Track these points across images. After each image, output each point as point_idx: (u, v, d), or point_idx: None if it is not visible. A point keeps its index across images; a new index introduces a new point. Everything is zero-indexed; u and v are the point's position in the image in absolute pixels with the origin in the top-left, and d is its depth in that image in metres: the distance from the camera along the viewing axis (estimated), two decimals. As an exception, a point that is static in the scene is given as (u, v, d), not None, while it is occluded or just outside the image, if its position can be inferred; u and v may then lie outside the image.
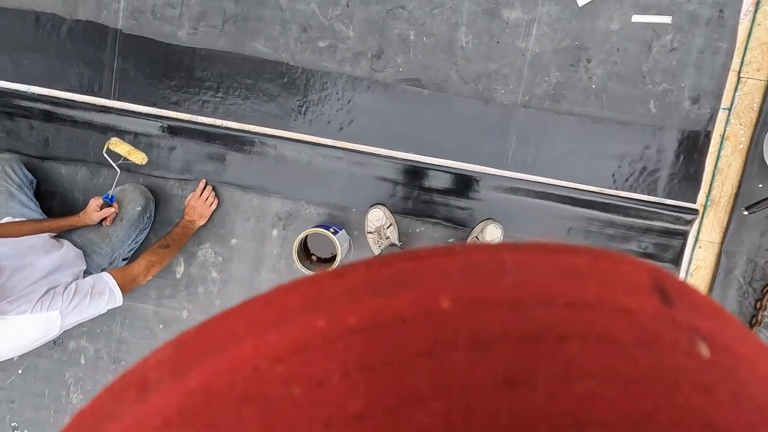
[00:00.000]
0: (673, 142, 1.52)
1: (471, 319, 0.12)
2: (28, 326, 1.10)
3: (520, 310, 0.12)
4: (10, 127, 1.61)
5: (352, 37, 1.54)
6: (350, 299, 0.12)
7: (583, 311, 0.12)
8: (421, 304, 0.12)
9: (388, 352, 0.11)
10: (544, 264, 0.13)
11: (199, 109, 1.59)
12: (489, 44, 1.51)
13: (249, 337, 0.12)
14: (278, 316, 0.12)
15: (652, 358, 0.12)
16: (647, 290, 0.14)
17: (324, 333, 0.12)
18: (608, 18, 1.48)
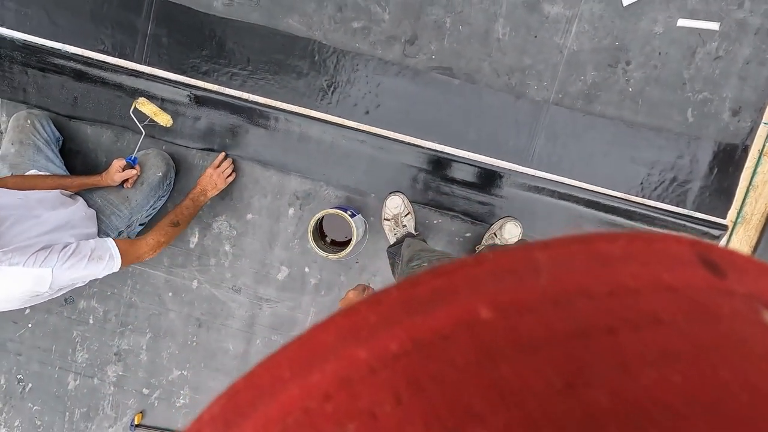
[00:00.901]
0: (708, 154, 1.42)
1: (513, 324, 0.11)
2: (17, 279, 1.02)
3: (561, 307, 0.11)
4: (42, 83, 1.58)
5: (387, 20, 1.47)
6: (388, 324, 0.12)
7: (627, 297, 0.11)
8: (460, 318, 0.11)
9: (435, 371, 0.10)
10: (578, 256, 0.12)
11: (228, 80, 1.53)
12: (526, 38, 1.43)
13: (293, 380, 0.12)
14: (318, 354, 0.12)
15: (711, 332, 0.11)
16: (692, 264, 0.13)
17: (367, 363, 0.11)
18: (652, 20, 1.38)
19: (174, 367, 1.61)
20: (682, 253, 0.13)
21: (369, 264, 1.51)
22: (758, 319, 0.11)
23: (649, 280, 0.12)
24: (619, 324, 0.11)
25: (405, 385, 0.10)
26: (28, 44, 1.50)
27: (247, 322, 1.57)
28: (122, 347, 1.62)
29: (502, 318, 0.11)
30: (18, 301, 1.08)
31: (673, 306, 0.11)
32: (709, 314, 0.11)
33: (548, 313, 0.11)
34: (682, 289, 0.12)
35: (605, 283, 0.11)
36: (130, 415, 1.64)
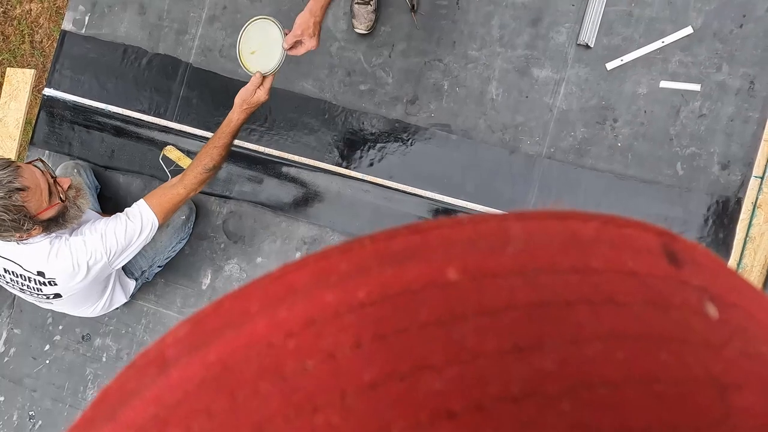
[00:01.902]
0: (701, 206, 1.39)
1: (477, 288, 0.11)
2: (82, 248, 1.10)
3: (525, 278, 0.11)
4: (86, 138, 1.71)
5: (391, 83, 1.56)
6: (359, 273, 0.11)
7: (590, 276, 0.11)
8: (429, 276, 0.11)
9: (399, 322, 0.10)
10: (552, 231, 0.12)
11: (246, 135, 1.62)
12: (518, 98, 1.49)
13: (261, 314, 0.12)
14: (288, 293, 0.12)
15: (660, 319, 0.11)
16: (656, 253, 0.13)
17: (334, 307, 0.11)
18: (636, 82, 1.43)
19: (178, 408, 1.58)
20: (648, 241, 0.13)
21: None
22: (702, 310, 0.11)
23: (614, 263, 0.12)
24: (577, 299, 0.11)
25: (368, 331, 0.10)
26: (77, 105, 1.65)
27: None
28: (131, 387, 1.61)
29: (469, 281, 0.11)
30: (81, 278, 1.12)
31: (631, 290, 0.11)
32: (662, 301, 0.11)
33: (512, 282, 0.11)
34: (641, 276, 0.12)
35: (572, 260, 0.12)
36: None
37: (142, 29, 1.59)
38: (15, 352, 1.67)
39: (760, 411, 0.10)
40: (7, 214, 0.96)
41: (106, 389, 0.13)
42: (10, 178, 0.97)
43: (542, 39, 1.39)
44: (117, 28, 1.61)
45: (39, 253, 1.09)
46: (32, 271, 1.11)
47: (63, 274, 1.11)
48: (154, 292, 1.58)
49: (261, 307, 0.12)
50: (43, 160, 1.11)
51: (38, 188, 1.02)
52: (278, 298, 0.12)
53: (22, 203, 0.97)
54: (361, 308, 0.11)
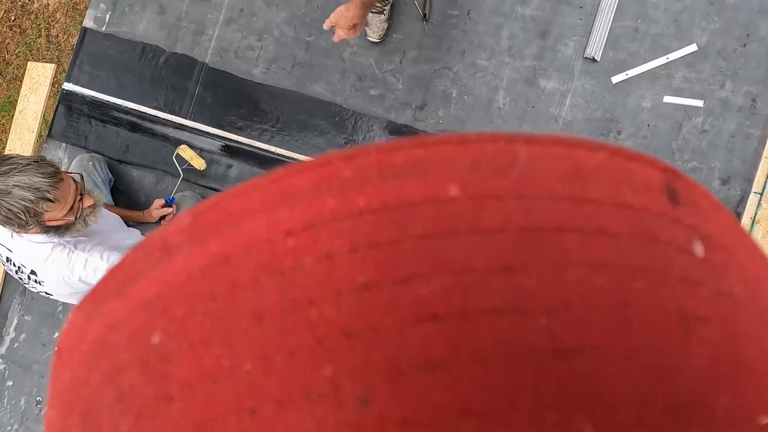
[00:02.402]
0: (700, 219, 1.40)
1: (475, 208, 0.11)
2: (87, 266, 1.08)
3: (523, 202, 0.11)
4: (102, 132, 1.75)
5: (401, 89, 1.59)
6: (360, 181, 0.11)
7: (586, 206, 0.11)
8: (429, 191, 0.11)
9: (394, 232, 0.11)
10: (556, 158, 0.12)
11: (258, 135, 1.63)
12: (524, 108, 1.52)
13: (261, 213, 0.12)
14: (289, 195, 0.12)
15: (645, 252, 0.11)
16: (656, 189, 0.12)
17: (333, 212, 0.11)
18: (640, 96, 1.45)
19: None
20: (651, 176, 0.13)
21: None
22: (688, 248, 0.12)
23: (612, 195, 0.12)
24: (570, 226, 0.11)
25: (364, 238, 0.10)
26: (95, 100, 1.68)
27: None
28: (136, 376, 1.62)
29: (467, 199, 0.11)
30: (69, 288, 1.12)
31: (623, 222, 0.11)
32: (651, 236, 0.11)
33: (509, 205, 0.11)
34: (637, 209, 0.12)
35: (570, 189, 0.12)
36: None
37: (160, 29, 1.62)
38: (25, 338, 1.69)
39: (716, 342, 0.10)
40: (24, 214, 0.96)
41: (116, 267, 0.13)
42: (47, 187, 0.98)
43: (550, 51, 1.41)
44: (136, 27, 1.64)
45: (38, 254, 1.08)
46: (26, 267, 1.12)
47: (53, 282, 1.11)
48: (162, 285, 1.60)
49: (261, 206, 0.12)
50: (83, 176, 1.11)
51: (65, 203, 1.02)
52: (279, 199, 0.12)
53: (42, 211, 0.98)
54: (360, 215, 0.11)
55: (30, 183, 0.96)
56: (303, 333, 0.10)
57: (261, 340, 0.10)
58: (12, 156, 1.00)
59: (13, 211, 0.95)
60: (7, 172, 0.96)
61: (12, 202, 0.95)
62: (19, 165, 0.97)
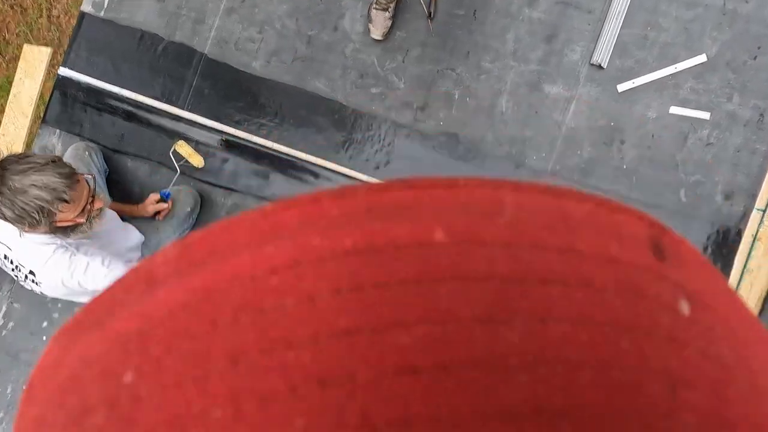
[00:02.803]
0: (701, 234, 1.37)
1: (460, 254, 0.11)
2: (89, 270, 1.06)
3: (509, 251, 0.11)
4: (97, 120, 1.70)
5: (402, 88, 1.54)
6: (348, 222, 0.11)
7: (571, 257, 0.11)
8: (416, 234, 0.11)
9: (378, 275, 0.10)
10: (544, 207, 0.12)
11: (256, 130, 1.57)
12: (527, 113, 1.47)
13: (247, 248, 0.11)
14: (276, 231, 0.12)
15: (630, 309, 0.11)
16: (642, 243, 0.12)
17: (318, 251, 0.11)
18: (646, 105, 1.41)
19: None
20: (637, 230, 0.13)
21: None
22: (674, 306, 0.11)
23: (598, 247, 0.12)
24: (554, 278, 0.11)
25: (348, 280, 0.10)
26: (91, 87, 1.63)
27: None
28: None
29: (454, 245, 0.11)
30: (66, 289, 1.10)
31: (608, 276, 0.11)
32: (636, 292, 0.11)
33: (496, 253, 0.11)
34: (623, 264, 0.12)
35: (557, 240, 0.11)
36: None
37: (160, 16, 1.58)
38: (13, 326, 1.66)
39: (704, 409, 0.10)
40: (37, 214, 0.95)
41: (99, 297, 0.13)
42: (64, 188, 0.96)
43: (556, 56, 1.37)
44: (135, 14, 1.59)
45: (38, 255, 1.06)
46: (25, 266, 1.09)
47: (51, 283, 1.09)
48: (153, 278, 1.57)
49: (248, 241, 0.12)
50: (95, 177, 1.09)
51: (78, 205, 1.00)
52: (266, 234, 0.12)
53: (56, 211, 0.97)
54: (346, 256, 0.11)
55: (47, 183, 0.94)
56: (277, 379, 0.10)
57: (234, 384, 0.10)
58: (30, 155, 0.98)
59: (27, 210, 0.94)
60: (24, 170, 0.94)
61: (27, 201, 0.93)
62: (37, 165, 0.95)
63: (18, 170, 0.94)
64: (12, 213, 0.94)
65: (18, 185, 0.93)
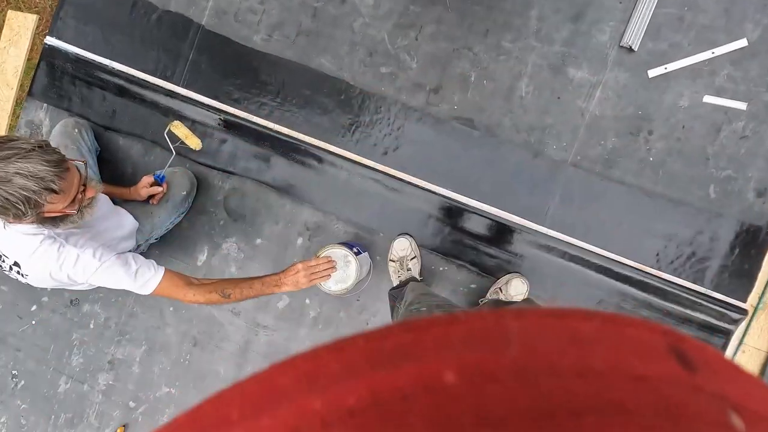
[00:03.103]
0: (729, 233, 1.29)
1: (476, 394, 0.10)
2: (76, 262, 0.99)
3: (527, 382, 0.10)
4: (86, 94, 1.59)
5: (415, 68, 1.42)
6: (348, 376, 0.11)
7: (594, 381, 0.10)
8: (423, 379, 0.10)
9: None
10: (550, 330, 0.12)
11: (256, 109, 1.46)
12: (549, 99, 1.36)
13: (240, 423, 0.11)
14: (272, 397, 0.11)
15: (676, 431, 0.10)
16: (663, 354, 0.12)
17: (321, 415, 0.10)
18: (678, 93, 1.31)
19: (164, 383, 1.51)
20: (654, 341, 0.12)
21: (370, 303, 1.41)
22: (724, 420, 0.10)
23: (620, 366, 0.11)
24: (585, 409, 0.10)
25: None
26: (80, 58, 1.52)
27: (242, 347, 1.48)
28: (117, 356, 1.53)
29: (466, 385, 0.10)
30: (55, 282, 1.03)
31: (641, 396, 0.10)
32: (675, 411, 0.10)
33: (513, 387, 0.10)
34: (651, 380, 0.11)
35: (574, 363, 0.11)
36: (112, 428, 1.53)
37: (153, -17, 1.45)
38: (1, 309, 1.59)
39: None
40: (23, 205, 0.86)
41: None
42: (52, 177, 0.87)
43: (583, 36, 1.26)
44: (127, -21, 1.47)
45: (24, 246, 0.98)
46: (9, 257, 1.01)
47: (38, 275, 1.01)
48: (147, 264, 1.48)
49: (241, 415, 0.11)
50: (87, 165, 1.00)
51: (68, 195, 0.92)
52: (262, 402, 0.11)
53: (44, 202, 0.88)
54: (351, 417, 0.10)
55: (33, 171, 0.85)
56: None
57: None
58: (14, 138, 0.88)
59: (11, 201, 0.85)
60: (7, 157, 0.84)
61: (11, 192, 0.85)
62: (21, 150, 0.85)
63: (1, 156, 0.84)
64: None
65: (1, 173, 0.84)
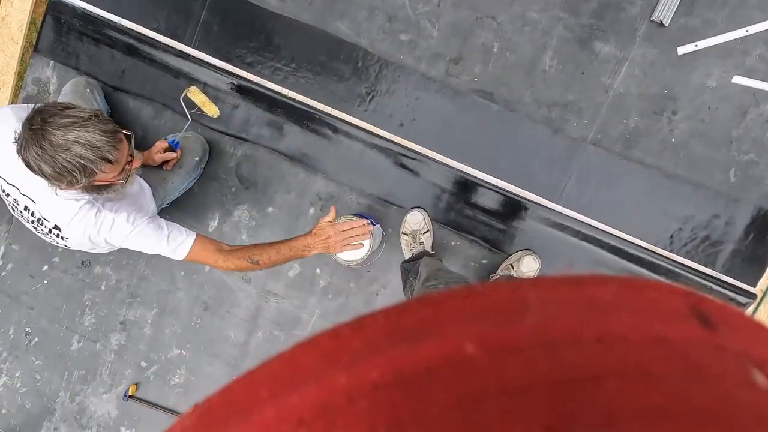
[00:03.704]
0: (745, 218, 1.28)
1: (498, 364, 0.10)
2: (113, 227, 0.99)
3: (548, 351, 0.10)
4: (95, 52, 1.53)
5: (435, 36, 1.35)
6: (371, 352, 0.11)
7: (615, 346, 0.10)
8: (445, 352, 0.10)
9: (415, 407, 0.10)
10: (569, 298, 0.11)
11: (270, 74, 1.41)
12: (572, 74, 1.32)
13: (270, 401, 0.11)
14: (298, 376, 0.11)
15: (702, 392, 0.10)
16: (684, 316, 0.11)
17: (347, 392, 0.10)
18: (706, 73, 1.27)
19: (174, 345, 1.53)
20: (675, 303, 0.12)
21: (381, 275, 1.41)
22: (747, 378, 0.10)
23: (640, 329, 0.11)
24: (606, 373, 0.10)
25: (383, 419, 0.09)
26: (87, 14, 1.45)
27: (252, 314, 1.49)
28: (128, 318, 1.55)
29: (488, 357, 0.10)
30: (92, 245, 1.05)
31: (664, 359, 0.10)
32: (699, 372, 0.10)
33: (535, 356, 0.10)
34: (673, 342, 0.11)
35: (594, 329, 0.11)
36: (125, 385, 1.56)
37: (164, -66, 1.37)
38: (12, 267, 1.59)
39: None
40: (79, 173, 0.86)
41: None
42: (109, 147, 0.88)
43: (612, 9, 1.20)
44: (136, -70, 1.39)
45: (64, 210, 0.98)
46: (50, 221, 1.01)
47: (77, 238, 1.02)
48: (158, 229, 1.47)
49: (270, 393, 0.11)
50: (133, 135, 0.99)
51: (119, 165, 0.93)
52: (288, 381, 0.11)
53: (98, 171, 0.89)
54: (375, 392, 0.10)
55: (90, 141, 0.86)
56: None
57: None
58: (71, 106, 0.88)
59: (68, 168, 0.86)
60: (66, 125, 0.85)
61: (69, 159, 0.85)
62: (79, 119, 0.86)
63: (60, 124, 0.84)
64: (52, 170, 0.85)
65: (61, 140, 0.84)
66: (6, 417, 1.62)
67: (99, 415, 1.57)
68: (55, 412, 1.59)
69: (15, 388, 1.61)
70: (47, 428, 1.60)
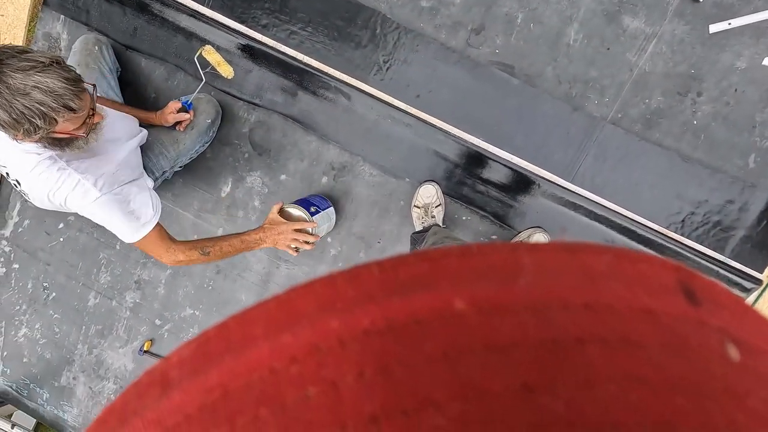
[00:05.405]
0: (760, 204, 1.25)
1: (486, 322, 0.10)
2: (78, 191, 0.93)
3: (537, 313, 0.10)
4: (106, 8, 1.46)
5: (458, 4, 1.28)
6: (364, 300, 0.11)
7: (602, 313, 0.11)
8: (436, 306, 0.10)
9: (403, 354, 0.10)
10: (563, 264, 0.12)
11: (286, 38, 1.36)
12: (597, 49, 1.26)
13: (264, 338, 0.11)
14: (293, 318, 0.11)
15: (678, 363, 0.10)
16: (672, 290, 0.12)
17: (338, 334, 0.10)
18: (736, 54, 1.20)
19: (188, 305, 1.55)
20: (664, 277, 0.12)
21: (390, 246, 1.40)
22: (723, 353, 0.10)
23: (627, 299, 0.11)
24: (590, 337, 0.10)
25: (371, 362, 0.10)
26: (97, -34, 1.37)
27: (263, 278, 1.49)
28: (143, 277, 1.56)
29: (477, 314, 0.10)
30: (52, 205, 1.00)
31: (647, 330, 0.10)
32: (679, 344, 0.10)
33: (523, 318, 0.10)
34: (658, 314, 0.11)
35: (583, 295, 0.11)
36: (140, 341, 1.60)
37: None
38: (29, 224, 1.59)
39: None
40: (39, 120, 0.80)
41: (110, 408, 0.12)
42: (71, 96, 0.81)
43: (645, -19, 1.12)
44: None
45: (24, 163, 0.93)
46: (11, 174, 0.97)
47: (37, 195, 0.97)
48: (172, 191, 1.46)
49: (265, 331, 0.11)
50: (96, 88, 0.93)
51: (80, 116, 0.86)
52: (283, 322, 0.11)
53: (58, 120, 0.83)
54: (366, 337, 0.10)
55: (51, 87, 0.79)
56: None
57: None
58: (29, 50, 0.81)
59: (26, 115, 0.79)
60: (25, 69, 0.78)
61: (28, 105, 0.79)
62: (40, 63, 0.79)
63: (18, 67, 0.78)
64: (8, 117, 0.79)
65: (20, 84, 0.78)
66: (27, 365, 1.66)
67: (116, 367, 1.61)
68: (74, 362, 1.63)
69: (35, 339, 1.65)
70: (67, 377, 1.64)
